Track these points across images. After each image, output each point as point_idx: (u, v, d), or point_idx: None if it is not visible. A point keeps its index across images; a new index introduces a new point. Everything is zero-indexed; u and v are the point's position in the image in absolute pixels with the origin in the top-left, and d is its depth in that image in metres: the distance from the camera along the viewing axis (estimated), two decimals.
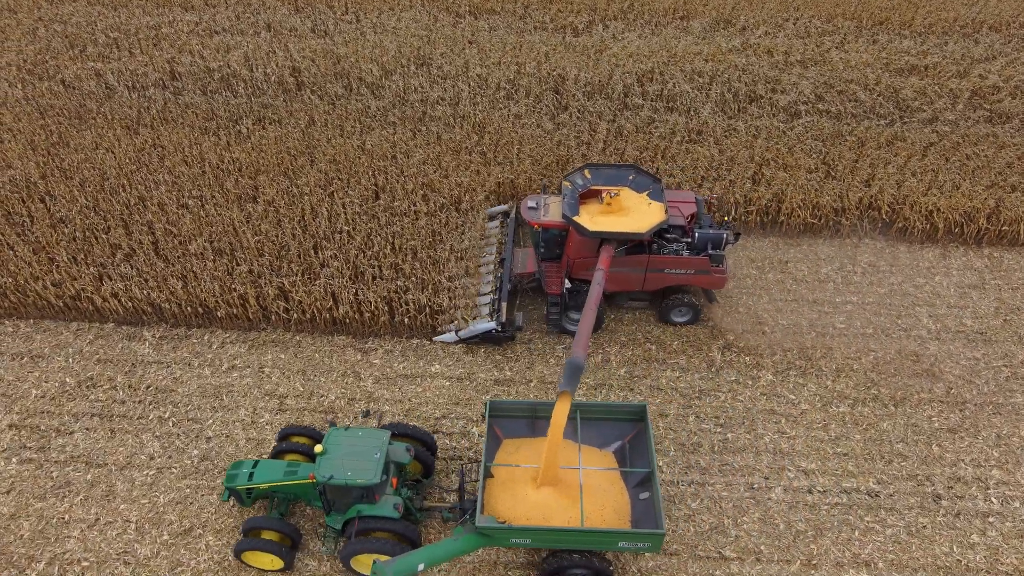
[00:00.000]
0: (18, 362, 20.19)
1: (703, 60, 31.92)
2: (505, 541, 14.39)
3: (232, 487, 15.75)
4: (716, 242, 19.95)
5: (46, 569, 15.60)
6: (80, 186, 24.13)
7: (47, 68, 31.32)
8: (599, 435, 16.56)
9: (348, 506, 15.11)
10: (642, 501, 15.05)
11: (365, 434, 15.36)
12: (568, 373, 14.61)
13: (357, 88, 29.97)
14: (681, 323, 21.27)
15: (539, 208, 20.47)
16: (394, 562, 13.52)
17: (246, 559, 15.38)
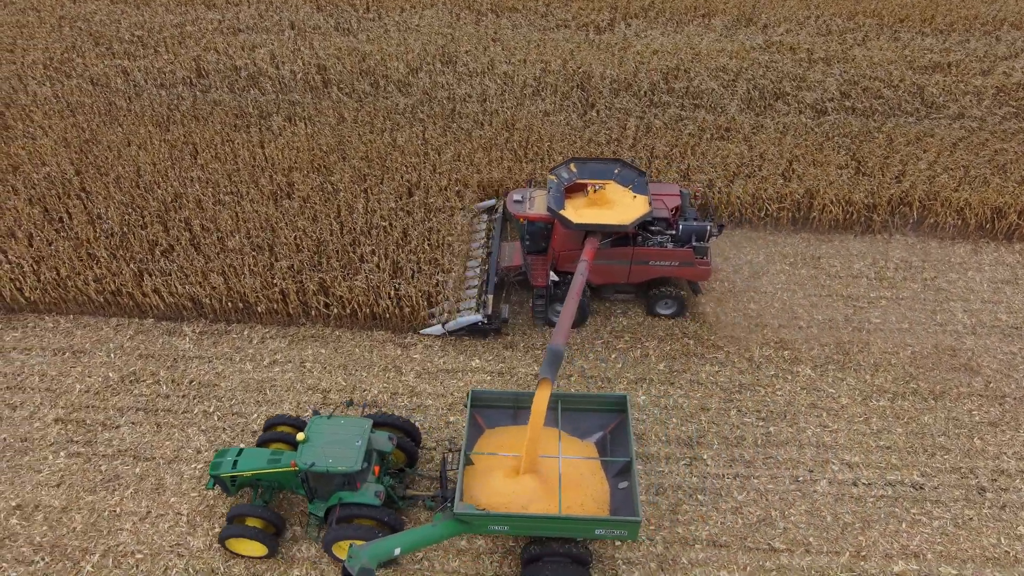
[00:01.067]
0: (60, 357, 20.29)
1: (727, 57, 32.05)
2: (483, 528, 14.47)
3: (217, 475, 15.85)
4: (700, 234, 20.17)
5: (100, 561, 15.70)
6: (115, 183, 24.23)
7: (74, 66, 31.45)
8: (582, 425, 16.66)
9: (330, 493, 15.25)
10: (621, 491, 15.14)
11: (347, 423, 15.53)
12: (548, 361, 14.79)
13: (384, 86, 30.09)
14: (666, 315, 21.43)
15: (524, 201, 20.61)
16: (370, 546, 13.51)
17: (230, 546, 15.48)
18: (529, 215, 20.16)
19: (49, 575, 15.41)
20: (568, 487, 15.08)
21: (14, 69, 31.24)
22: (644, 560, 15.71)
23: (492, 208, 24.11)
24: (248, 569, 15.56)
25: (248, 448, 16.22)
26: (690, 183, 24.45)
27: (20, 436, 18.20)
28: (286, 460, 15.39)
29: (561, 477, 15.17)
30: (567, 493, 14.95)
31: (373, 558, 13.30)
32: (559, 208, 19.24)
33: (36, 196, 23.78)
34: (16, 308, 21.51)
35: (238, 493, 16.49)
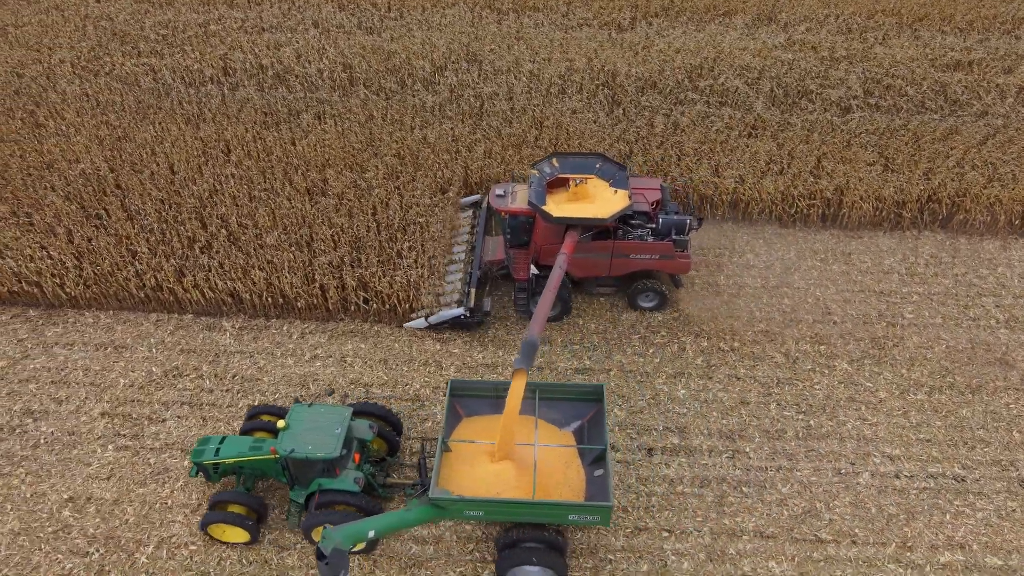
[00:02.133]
0: (103, 352, 20.45)
1: (750, 56, 32.22)
2: (458, 513, 14.59)
3: (199, 462, 16.04)
4: (680, 227, 20.37)
5: (155, 552, 15.86)
6: (150, 179, 24.40)
7: (101, 64, 31.61)
8: (560, 415, 16.83)
9: (310, 480, 15.42)
10: (597, 478, 15.29)
11: (327, 411, 15.77)
12: (524, 351, 15.01)
13: (411, 84, 30.26)
14: (648, 308, 21.61)
15: (507, 196, 20.80)
16: (344, 528, 13.63)
17: (212, 532, 15.68)
18: (511, 209, 20.39)
19: (104, 566, 15.57)
20: (544, 475, 15.23)
21: (42, 68, 31.41)
22: (692, 551, 15.88)
23: (477, 203, 24.28)
24: (301, 559, 15.71)
25: (231, 436, 16.46)
26: (675, 178, 24.70)
27: (67, 430, 18.37)
28: (267, 448, 15.61)
29: (537, 464, 15.30)
30: (543, 481, 15.10)
31: (347, 539, 13.47)
32: (540, 202, 19.46)
33: (72, 193, 23.94)
34: (56, 304, 21.67)
35: (220, 481, 16.67)
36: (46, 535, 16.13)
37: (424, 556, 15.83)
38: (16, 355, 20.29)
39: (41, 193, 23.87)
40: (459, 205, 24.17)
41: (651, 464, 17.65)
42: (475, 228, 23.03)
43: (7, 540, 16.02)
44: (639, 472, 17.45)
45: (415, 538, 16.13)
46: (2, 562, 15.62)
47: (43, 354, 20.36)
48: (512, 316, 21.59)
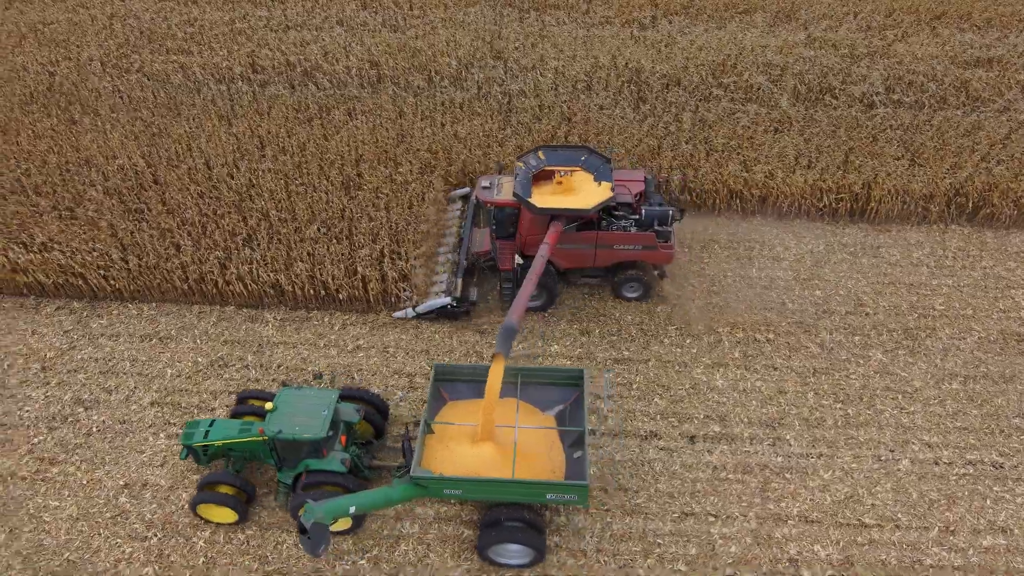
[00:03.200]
0: (148, 343, 20.77)
1: (772, 53, 32.53)
2: (439, 492, 14.88)
3: (189, 444, 16.38)
4: (663, 219, 20.70)
5: (211, 536, 16.18)
6: (188, 174, 24.71)
7: (131, 62, 31.92)
8: (542, 399, 17.18)
9: (298, 461, 15.79)
10: (576, 460, 15.62)
11: (315, 394, 16.14)
12: (502, 336, 15.41)
13: (438, 81, 30.58)
14: (633, 299, 21.95)
15: (492, 188, 21.15)
16: (326, 503, 13.95)
17: (201, 512, 16.03)
18: (496, 201, 20.75)
19: (164, 550, 15.90)
20: (525, 456, 15.56)
21: (72, 65, 31.73)
22: (739, 536, 16.20)
23: (466, 196, 24.63)
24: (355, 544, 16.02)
25: (219, 419, 16.83)
26: (661, 170, 25.04)
27: (119, 419, 18.69)
28: (256, 429, 15.97)
29: (519, 447, 15.63)
30: (524, 462, 15.41)
31: (328, 514, 13.81)
32: (525, 194, 19.79)
33: (111, 188, 24.26)
34: (100, 296, 21.98)
35: (210, 463, 16.99)
36: (104, 520, 16.46)
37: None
38: (63, 346, 20.62)
39: (81, 188, 24.19)
40: (448, 198, 24.51)
41: (694, 451, 17.97)
42: (463, 220, 23.36)
43: (66, 525, 16.36)
44: (682, 459, 17.78)
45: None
46: (63, 546, 15.95)
47: (89, 345, 20.68)
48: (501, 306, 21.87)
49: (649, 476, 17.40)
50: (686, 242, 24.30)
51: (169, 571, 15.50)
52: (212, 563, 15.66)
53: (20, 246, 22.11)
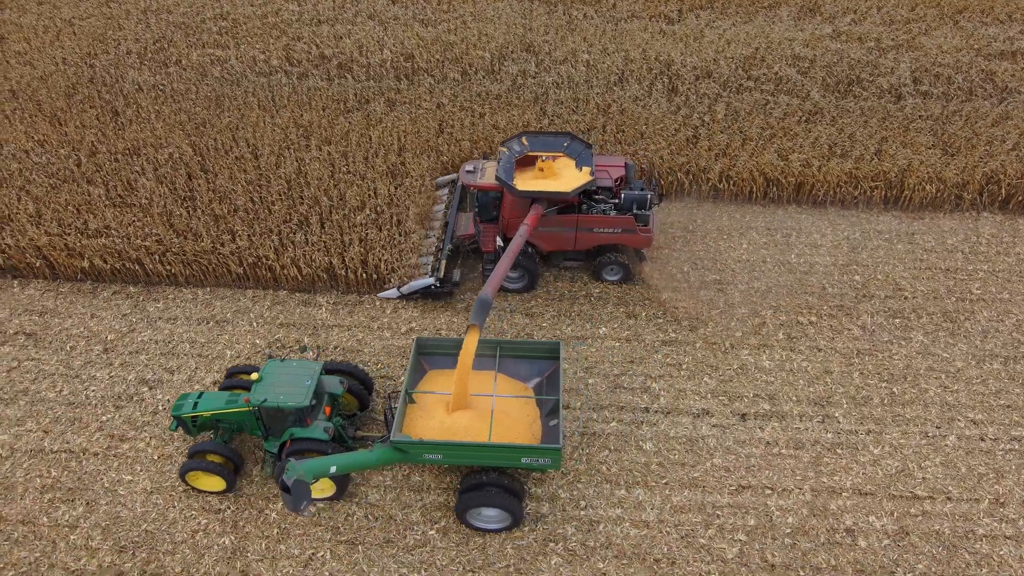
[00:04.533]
0: (205, 326, 21.24)
1: (800, 46, 33.04)
2: (419, 457, 15.37)
3: (178, 415, 16.90)
4: (641, 203, 21.24)
5: (283, 508, 16.63)
6: (236, 163, 25.20)
7: (168, 55, 32.42)
8: (522, 372, 17.76)
9: (283, 431, 16.29)
10: (552, 427, 16.23)
11: (299, 365, 16.65)
12: (476, 308, 16.01)
13: (472, 74, 31.07)
14: (613, 281, 22.46)
15: (476, 172, 21.72)
16: (307, 461, 14.50)
17: (190, 480, 16.53)
18: (480, 184, 21.32)
19: (238, 521, 16.37)
20: (503, 425, 16.11)
21: (111, 58, 32.23)
22: (795, 507, 16.67)
23: (453, 182, 25.22)
24: (423, 516, 16.49)
25: (208, 392, 17.38)
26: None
27: None
28: (242, 400, 16.50)
29: (499, 418, 16.20)
30: (503, 431, 15.97)
31: (309, 472, 14.36)
32: (507, 178, 20.32)
33: (161, 176, 24.75)
34: (155, 281, 22.46)
35: (199, 435, 17.53)
36: (177, 493, 16.93)
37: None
38: (123, 329, 21.09)
39: (130, 176, 24.67)
40: (435, 184, 25.13)
41: (746, 428, 18.45)
42: (449, 205, 24.01)
43: (141, 498, 16.83)
44: (735, 436, 18.25)
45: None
46: (140, 518, 16.42)
47: (148, 328, 21.15)
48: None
49: (704, 451, 17.87)
50: (724, 229, 24.82)
51: (245, 540, 15.96)
52: (286, 533, 16.13)
53: (77, 232, 22.60)
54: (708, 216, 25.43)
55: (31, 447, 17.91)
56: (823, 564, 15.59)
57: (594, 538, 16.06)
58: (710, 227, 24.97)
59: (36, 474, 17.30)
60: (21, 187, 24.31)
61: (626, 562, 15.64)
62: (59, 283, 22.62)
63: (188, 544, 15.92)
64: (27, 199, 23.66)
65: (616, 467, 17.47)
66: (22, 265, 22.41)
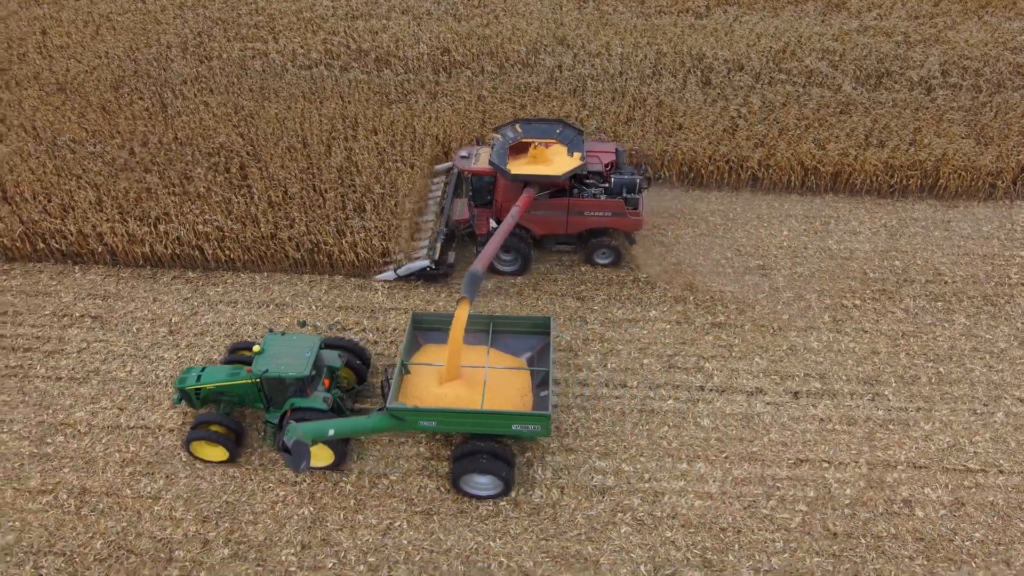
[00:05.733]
0: (266, 309, 21.79)
1: (829, 39, 33.62)
2: (414, 425, 16.06)
3: (182, 388, 17.52)
4: (631, 186, 21.83)
5: (357, 480, 17.15)
6: (287, 152, 25.76)
7: (208, 49, 32.98)
8: (516, 346, 18.47)
9: (284, 401, 16.89)
10: (543, 398, 16.93)
11: (299, 339, 17.30)
12: (467, 282, 16.79)
13: (509, 66, 31.63)
14: (604, 265, 23.06)
15: (471, 157, 22.34)
16: (307, 424, 15.26)
17: (194, 450, 17.17)
18: (474, 169, 21.91)
19: (314, 493, 16.92)
20: (495, 395, 16.86)
21: (152, 52, 32.79)
22: (853, 480, 17.23)
23: (449, 169, 25.83)
24: None
25: (211, 365, 18.00)
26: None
27: None
28: (244, 371, 17.10)
29: (492, 390, 16.92)
30: (495, 401, 16.72)
31: (308, 434, 15.05)
32: (501, 163, 20.91)
33: (215, 164, 25.32)
34: (213, 266, 23.01)
35: (203, 407, 18.10)
36: (254, 467, 17.49)
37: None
38: (186, 312, 21.65)
39: (184, 165, 25.24)
40: (432, 171, 25.80)
41: (799, 405, 19.01)
42: (445, 191, 24.63)
43: (219, 471, 17.39)
44: (789, 412, 18.82)
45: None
46: (219, 490, 16.97)
47: (210, 311, 21.71)
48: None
49: (760, 427, 18.44)
50: (764, 217, 25.39)
51: (324, 511, 16.53)
52: (362, 505, 16.69)
53: (137, 220, 23.16)
54: (747, 205, 26.02)
55: (108, 423, 18.47)
56: (883, 532, 16.16)
57: (660, 508, 16.63)
58: (750, 215, 25.55)
59: (115, 449, 17.87)
60: (79, 176, 24.86)
61: (693, 531, 16.22)
62: (119, 268, 23.17)
63: (269, 514, 16.49)
64: (87, 187, 24.22)
65: (676, 442, 18.05)
66: (84, 251, 22.98)
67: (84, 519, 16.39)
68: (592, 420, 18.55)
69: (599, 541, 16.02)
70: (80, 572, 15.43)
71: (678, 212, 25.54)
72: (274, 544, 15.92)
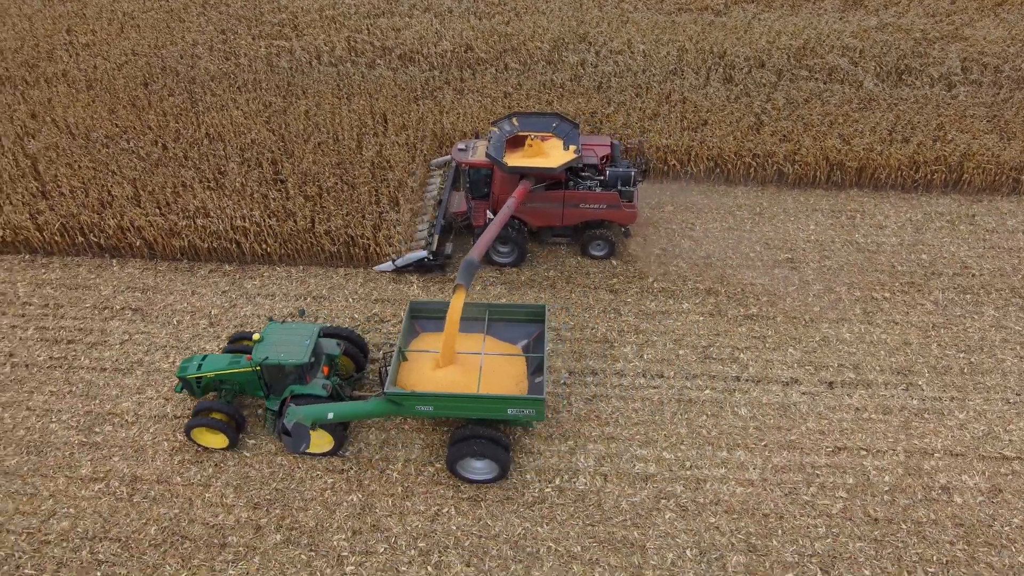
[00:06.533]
0: (303, 302, 22.07)
1: (849, 37, 33.91)
2: (411, 409, 16.34)
3: (183, 376, 17.82)
4: (625, 179, 22.19)
5: (403, 468, 17.45)
6: (318, 147, 26.05)
7: (233, 47, 33.28)
8: (512, 334, 18.79)
9: (284, 388, 17.16)
10: (537, 383, 17.18)
11: (298, 327, 17.61)
12: (463, 270, 17.13)
13: (532, 63, 31.92)
14: (599, 256, 23.37)
15: (468, 150, 22.70)
16: (307, 407, 15.77)
17: (195, 436, 17.43)
18: (471, 162, 22.28)
19: (362, 480, 17.20)
20: (491, 381, 17.19)
21: (178, 49, 33.09)
22: (890, 467, 17.50)
23: (448, 163, 26.13)
24: (538, 475, 17.32)
25: (211, 354, 18.31)
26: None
27: None
28: (244, 359, 17.40)
29: (484, 372, 17.30)
30: (490, 386, 17.06)
31: (307, 417, 15.54)
32: (498, 155, 21.26)
33: (248, 159, 25.60)
34: (250, 260, 23.30)
35: (203, 396, 18.38)
36: (300, 456, 17.75)
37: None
38: (225, 304, 21.93)
39: (218, 160, 25.52)
40: (431, 165, 26.13)
41: (834, 395, 19.28)
42: (444, 184, 24.95)
43: (267, 459, 17.66)
44: (825, 402, 19.09)
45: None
46: (268, 478, 17.25)
47: (248, 303, 22.00)
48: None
49: (797, 416, 18.71)
50: (791, 211, 25.67)
51: (372, 498, 16.81)
52: (410, 492, 16.97)
53: (175, 213, 23.44)
54: (773, 200, 26.30)
55: (155, 413, 18.76)
56: (923, 518, 16.44)
57: (703, 495, 16.91)
58: (776, 209, 25.83)
59: (163, 438, 18.16)
60: (114, 171, 25.15)
61: (736, 516, 16.50)
62: (156, 262, 23.47)
63: (318, 501, 16.76)
64: (124, 182, 24.51)
65: (715, 431, 18.33)
66: (121, 245, 23.26)
67: (137, 506, 16.68)
68: (631, 410, 18.84)
69: (644, 527, 16.30)
70: (136, 557, 15.72)
71: (705, 207, 25.84)
72: (325, 530, 16.20)
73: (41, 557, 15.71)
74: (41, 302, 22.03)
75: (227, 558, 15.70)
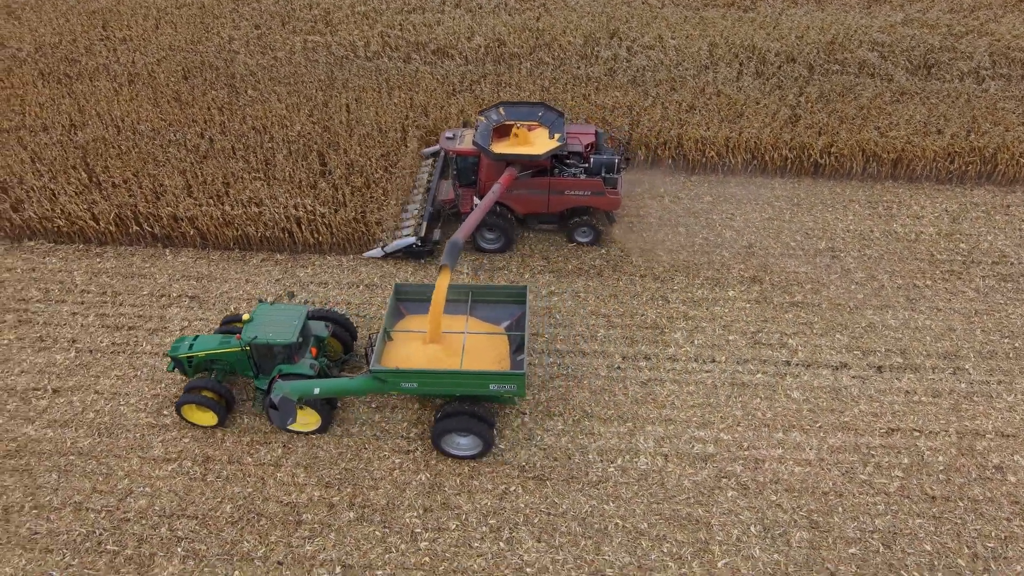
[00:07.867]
0: (356, 289, 22.48)
1: (877, 31, 34.34)
2: (396, 386, 16.73)
3: (175, 356, 18.28)
4: (609, 166, 22.65)
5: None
6: (364, 139, 26.45)
7: (268, 42, 33.67)
8: (495, 314, 19.26)
9: (272, 368, 17.66)
10: (519, 361, 17.72)
11: (287, 308, 18.17)
12: (448, 250, 17.73)
13: (565, 58, 32.32)
14: (584, 243, 23.83)
15: (456, 139, 23.17)
16: (293, 382, 16.36)
17: (185, 413, 17.89)
18: (458, 149, 22.78)
19: (428, 460, 17.61)
20: (474, 359, 17.69)
21: (216, 44, 33.49)
22: (944, 447, 17.92)
23: (437, 153, 26.57)
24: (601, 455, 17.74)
25: (203, 335, 18.82)
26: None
27: None
28: (235, 342, 17.83)
29: (467, 351, 17.79)
30: (474, 364, 17.49)
31: (294, 391, 16.14)
32: (484, 143, 21.72)
33: (294, 151, 26.01)
34: (301, 249, 23.71)
35: (195, 376, 18.83)
36: (366, 437, 18.15)
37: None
38: (279, 292, 22.33)
39: (266, 152, 25.93)
40: (421, 155, 26.65)
41: (883, 379, 19.69)
42: (432, 172, 25.41)
43: (334, 441, 18.07)
44: (875, 385, 19.50)
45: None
46: (337, 458, 17.65)
47: (302, 291, 22.39)
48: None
49: (849, 399, 19.12)
50: (828, 202, 26.10)
51: (440, 477, 17.22)
52: (476, 471, 17.37)
53: (228, 203, 23.85)
54: (810, 191, 26.72)
55: None
56: (979, 496, 16.86)
57: (762, 475, 17.33)
58: (814, 200, 26.25)
59: (230, 420, 18.55)
60: (162, 163, 25.57)
61: (796, 495, 16.91)
62: (208, 251, 23.88)
63: (388, 480, 17.18)
64: (175, 173, 24.92)
65: (770, 413, 18.74)
66: (175, 234, 23.67)
67: (211, 485, 17.09)
68: (687, 393, 19.25)
69: (708, 504, 16.71)
70: (214, 533, 16.13)
71: (744, 198, 26.25)
72: (396, 508, 16.61)
73: (121, 534, 16.12)
74: (99, 290, 22.44)
75: (303, 534, 16.11)
